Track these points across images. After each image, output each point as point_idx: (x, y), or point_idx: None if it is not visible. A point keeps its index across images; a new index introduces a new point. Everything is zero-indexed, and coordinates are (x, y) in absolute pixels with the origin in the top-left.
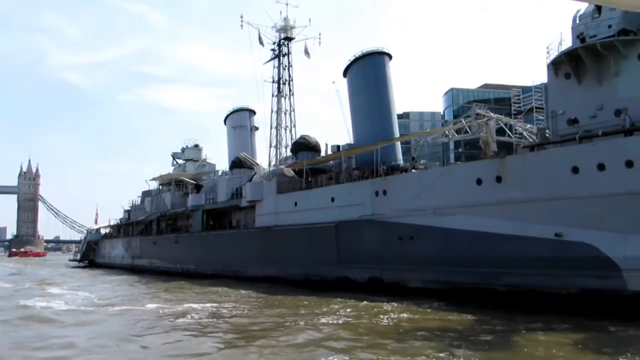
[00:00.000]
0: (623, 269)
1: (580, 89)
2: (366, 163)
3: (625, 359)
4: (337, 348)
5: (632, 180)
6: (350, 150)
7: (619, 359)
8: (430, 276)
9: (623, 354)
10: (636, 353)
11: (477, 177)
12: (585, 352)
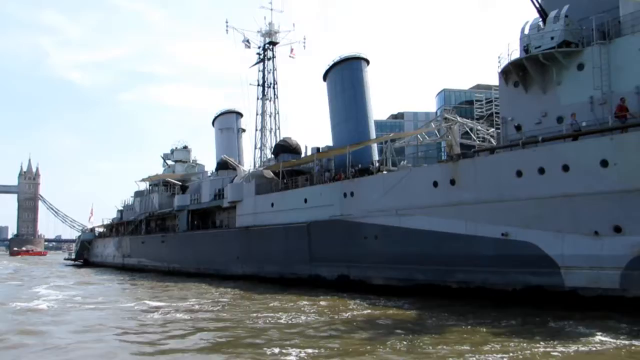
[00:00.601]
0: (561, 267)
1: (526, 97)
2: (343, 165)
3: (550, 348)
4: (291, 343)
5: (568, 183)
6: (321, 153)
7: (547, 349)
8: (392, 274)
9: (551, 344)
10: (562, 343)
11: (434, 180)
12: (515, 340)
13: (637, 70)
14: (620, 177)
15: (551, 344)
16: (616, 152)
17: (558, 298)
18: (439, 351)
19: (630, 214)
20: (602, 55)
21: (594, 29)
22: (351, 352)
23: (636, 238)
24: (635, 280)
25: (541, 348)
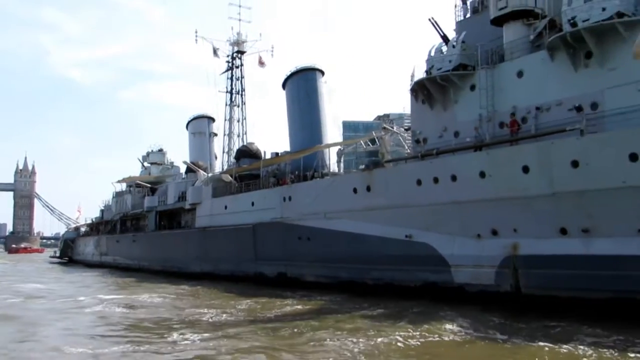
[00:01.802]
0: (451, 265)
1: (431, 113)
2: (298, 169)
3: (420, 330)
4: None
5: (456, 191)
6: (266, 160)
7: (415, 330)
8: (321, 272)
9: (428, 326)
10: (419, 329)
11: (354, 187)
12: (395, 326)
13: (514, 92)
14: (494, 187)
15: (407, 330)
16: (490, 165)
17: (449, 293)
18: (309, 336)
19: (503, 219)
20: (488, 78)
21: (479, 55)
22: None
23: (508, 240)
24: (506, 277)
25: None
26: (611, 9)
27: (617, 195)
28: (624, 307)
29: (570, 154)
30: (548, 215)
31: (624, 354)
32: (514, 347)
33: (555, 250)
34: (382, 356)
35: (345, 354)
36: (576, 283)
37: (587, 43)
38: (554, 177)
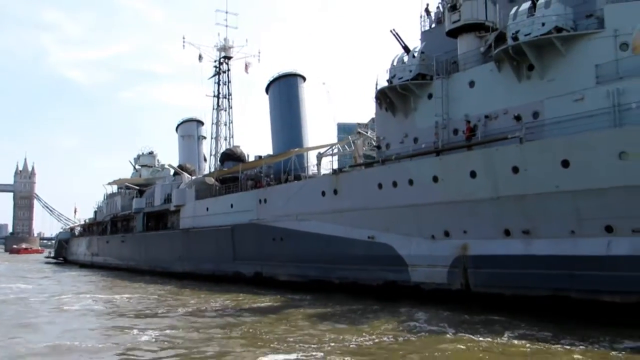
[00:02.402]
0: (408, 265)
1: (394, 120)
2: (279, 172)
3: (377, 327)
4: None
5: (413, 195)
6: (245, 164)
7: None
8: (293, 271)
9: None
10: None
11: (322, 190)
12: (355, 323)
13: (466, 101)
14: (446, 191)
15: (364, 327)
16: (442, 170)
17: (407, 292)
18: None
19: (454, 221)
20: (443, 88)
21: (435, 65)
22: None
23: (458, 241)
24: (457, 276)
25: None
26: (550, 24)
27: (552, 199)
28: (560, 303)
29: (511, 160)
30: (493, 218)
31: (550, 346)
32: (457, 339)
33: (500, 251)
34: (337, 351)
35: (300, 347)
36: (518, 281)
37: (528, 56)
38: (498, 182)
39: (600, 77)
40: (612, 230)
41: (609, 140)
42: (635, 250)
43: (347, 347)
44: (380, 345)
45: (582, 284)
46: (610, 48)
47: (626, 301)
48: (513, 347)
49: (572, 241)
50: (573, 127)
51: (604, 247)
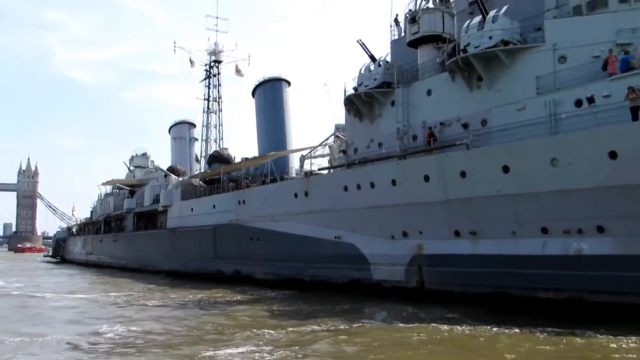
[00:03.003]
0: (371, 264)
1: (361, 125)
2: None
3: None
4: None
5: (374, 197)
6: (226, 167)
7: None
8: (268, 269)
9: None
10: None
11: (295, 192)
12: (319, 317)
13: (424, 108)
14: (403, 194)
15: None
16: (400, 174)
17: (369, 289)
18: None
19: (411, 222)
20: (404, 96)
21: (395, 74)
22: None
23: (415, 241)
24: (413, 274)
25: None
26: (496, 37)
27: (494, 202)
28: (502, 300)
29: (459, 165)
30: (445, 219)
31: (493, 335)
32: (408, 331)
33: (451, 250)
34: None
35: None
36: (466, 279)
37: (476, 68)
38: (448, 186)
39: (540, 88)
40: (547, 232)
41: (541, 148)
42: (566, 250)
43: (296, 338)
44: (326, 337)
45: (521, 281)
46: (550, 61)
47: (559, 297)
48: (449, 339)
49: (513, 241)
50: (515, 135)
51: (540, 247)
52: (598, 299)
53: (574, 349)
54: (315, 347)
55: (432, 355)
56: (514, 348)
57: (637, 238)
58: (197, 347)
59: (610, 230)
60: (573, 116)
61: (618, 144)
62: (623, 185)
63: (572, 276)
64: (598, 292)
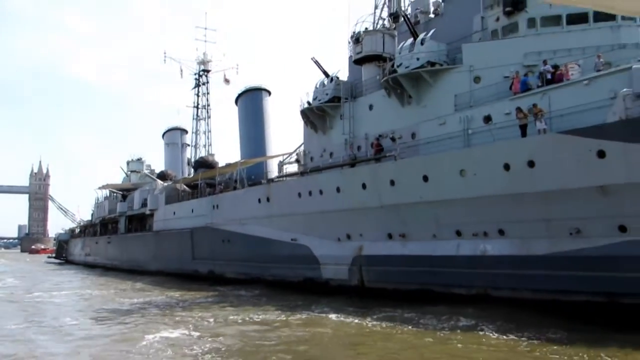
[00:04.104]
0: (321, 264)
1: (316, 136)
2: (250, 177)
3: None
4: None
5: (323, 203)
6: (205, 173)
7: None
8: (237, 269)
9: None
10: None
11: (259, 197)
12: (271, 310)
13: (366, 121)
14: (346, 199)
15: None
16: (342, 181)
17: (319, 287)
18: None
19: (353, 226)
20: (350, 110)
21: (342, 90)
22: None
23: (356, 243)
24: (355, 273)
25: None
26: (423, 58)
27: (418, 208)
28: (426, 296)
29: (389, 174)
30: (379, 223)
31: (413, 326)
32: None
33: (385, 251)
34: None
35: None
36: (397, 277)
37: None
38: (381, 193)
39: (458, 105)
40: (460, 235)
41: (452, 160)
42: (474, 251)
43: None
44: (259, 330)
45: (440, 279)
46: (466, 80)
47: (469, 293)
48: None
49: (434, 243)
50: (438, 147)
51: (455, 248)
52: (500, 294)
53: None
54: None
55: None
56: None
57: (529, 240)
58: (138, 333)
59: (508, 232)
60: (481, 131)
61: (510, 158)
62: (515, 194)
63: (479, 274)
64: (500, 288)
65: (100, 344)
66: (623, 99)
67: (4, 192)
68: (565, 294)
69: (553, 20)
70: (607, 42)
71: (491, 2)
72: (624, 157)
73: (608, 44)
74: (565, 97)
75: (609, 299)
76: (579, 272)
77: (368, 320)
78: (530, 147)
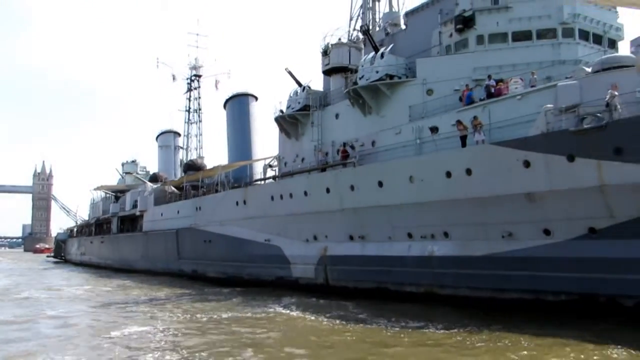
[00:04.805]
0: (291, 263)
1: (290, 142)
2: (237, 179)
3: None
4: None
5: (293, 206)
6: (189, 176)
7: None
8: (218, 269)
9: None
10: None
11: (236, 200)
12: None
13: (333, 129)
14: (313, 203)
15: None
16: (309, 186)
17: (290, 285)
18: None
19: (319, 228)
20: (319, 118)
21: (311, 100)
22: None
23: (322, 244)
24: (320, 272)
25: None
26: (382, 71)
27: (375, 212)
28: (383, 294)
29: (349, 180)
30: (342, 225)
31: (366, 321)
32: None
33: (346, 252)
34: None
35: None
36: (357, 276)
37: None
38: (342, 197)
39: (412, 116)
40: (411, 236)
41: (402, 168)
42: (423, 252)
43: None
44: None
45: (394, 278)
46: (420, 93)
47: (418, 291)
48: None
49: (389, 244)
50: (394, 154)
51: (407, 249)
52: (444, 292)
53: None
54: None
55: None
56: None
57: (470, 242)
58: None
59: (452, 235)
60: (430, 140)
61: (451, 166)
62: (456, 199)
63: (427, 273)
64: (445, 287)
65: (62, 337)
66: (545, 114)
67: (7, 191)
68: (500, 292)
69: (500, 38)
70: (548, 58)
71: (446, 19)
72: (545, 167)
73: (549, 60)
74: (502, 111)
75: (535, 296)
76: (511, 271)
77: (322, 317)
78: (467, 157)
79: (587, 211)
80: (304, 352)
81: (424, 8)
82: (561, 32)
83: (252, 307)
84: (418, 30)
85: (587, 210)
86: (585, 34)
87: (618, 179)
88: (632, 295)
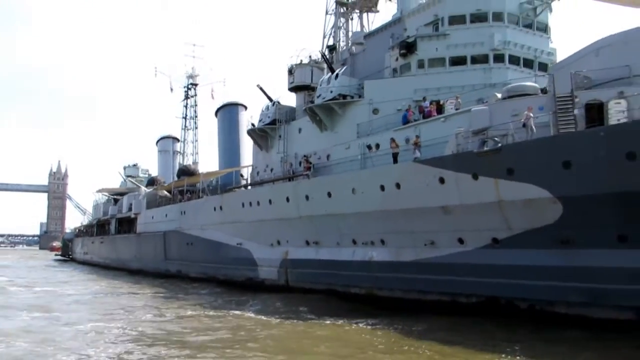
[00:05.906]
0: (258, 265)
1: (261, 153)
2: (224, 185)
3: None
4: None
5: (260, 212)
6: (177, 182)
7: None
8: (198, 269)
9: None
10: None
11: (214, 206)
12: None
13: (296, 143)
14: (276, 210)
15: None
16: (273, 195)
17: (257, 286)
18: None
19: (282, 233)
20: (285, 132)
21: (277, 114)
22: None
23: (284, 248)
24: (282, 274)
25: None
26: (336, 91)
27: (326, 220)
28: (333, 295)
29: (305, 190)
30: (299, 231)
31: (318, 320)
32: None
33: (303, 256)
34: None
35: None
36: (312, 278)
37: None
38: (299, 206)
39: (360, 133)
40: (355, 243)
41: (346, 180)
42: (364, 257)
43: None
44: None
45: (341, 280)
46: (367, 112)
47: (361, 292)
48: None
49: (337, 250)
50: (344, 167)
51: (351, 254)
52: (382, 294)
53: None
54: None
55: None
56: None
57: (401, 248)
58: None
59: (387, 242)
60: (372, 156)
61: (384, 180)
62: (389, 210)
63: (368, 277)
64: (382, 289)
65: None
66: (455, 137)
67: (24, 190)
68: (424, 294)
69: (438, 62)
70: (480, 82)
71: (394, 44)
72: (456, 183)
73: (481, 83)
74: (430, 131)
75: (452, 298)
76: (432, 276)
77: (273, 317)
78: (397, 173)
79: (490, 223)
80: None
81: (380, 31)
82: (492, 58)
83: (217, 304)
84: (373, 52)
85: (490, 223)
86: (515, 59)
87: (511, 195)
88: (526, 298)
